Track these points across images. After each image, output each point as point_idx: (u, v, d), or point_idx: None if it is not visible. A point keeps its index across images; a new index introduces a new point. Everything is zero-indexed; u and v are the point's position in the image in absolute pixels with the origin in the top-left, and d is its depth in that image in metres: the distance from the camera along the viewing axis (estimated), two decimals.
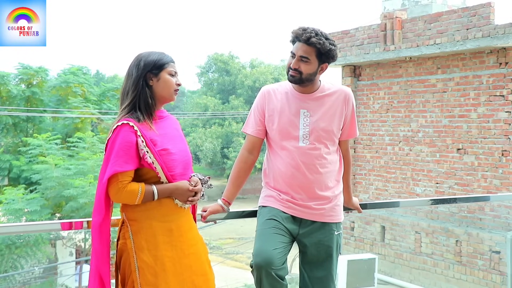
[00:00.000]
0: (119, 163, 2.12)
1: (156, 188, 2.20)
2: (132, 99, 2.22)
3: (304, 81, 2.61)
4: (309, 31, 2.56)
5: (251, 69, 39.12)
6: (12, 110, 18.77)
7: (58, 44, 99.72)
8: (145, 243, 2.18)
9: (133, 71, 2.25)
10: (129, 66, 2.28)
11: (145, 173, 2.21)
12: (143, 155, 2.17)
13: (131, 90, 2.23)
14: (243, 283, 14.96)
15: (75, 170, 13.71)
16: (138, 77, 2.24)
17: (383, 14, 9.88)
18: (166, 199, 2.24)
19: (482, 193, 8.28)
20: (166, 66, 2.28)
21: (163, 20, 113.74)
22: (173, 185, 2.24)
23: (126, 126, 2.16)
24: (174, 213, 2.27)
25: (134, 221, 2.21)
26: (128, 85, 2.25)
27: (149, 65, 2.25)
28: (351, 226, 10.60)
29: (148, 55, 2.28)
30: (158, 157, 2.19)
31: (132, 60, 2.30)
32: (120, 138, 2.15)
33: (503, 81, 8.26)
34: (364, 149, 10.53)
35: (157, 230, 2.21)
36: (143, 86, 2.23)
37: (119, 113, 2.25)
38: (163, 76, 2.27)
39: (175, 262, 2.23)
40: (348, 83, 10.57)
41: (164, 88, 2.28)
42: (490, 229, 8.41)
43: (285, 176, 2.63)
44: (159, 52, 2.31)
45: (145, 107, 2.23)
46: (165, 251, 2.21)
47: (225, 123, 35.40)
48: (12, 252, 12.71)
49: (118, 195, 2.15)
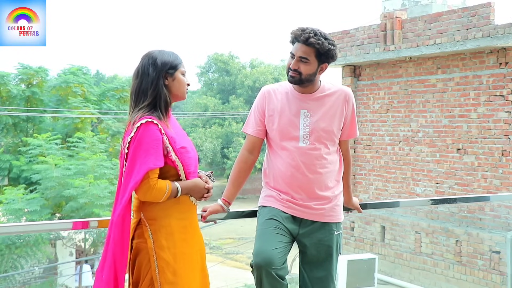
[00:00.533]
0: (151, 160, 2.13)
1: (179, 185, 2.23)
2: (153, 98, 2.23)
3: (304, 81, 2.61)
4: (308, 32, 2.56)
5: (251, 69, 39.13)
6: (12, 110, 18.76)
7: (58, 44, 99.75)
8: (165, 241, 2.20)
9: (149, 70, 2.25)
10: (142, 65, 2.28)
11: (167, 171, 2.22)
12: (168, 152, 2.20)
13: (151, 89, 2.24)
14: (243, 283, 14.96)
15: (75, 170, 13.71)
16: (157, 76, 2.25)
17: (383, 14, 9.88)
18: (183, 197, 2.27)
19: (482, 193, 8.28)
20: (180, 66, 2.32)
21: (163, 20, 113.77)
22: (192, 182, 2.28)
23: (152, 124, 2.17)
24: (189, 210, 2.31)
25: (153, 220, 2.22)
26: (145, 84, 2.25)
27: (166, 64, 2.27)
28: (351, 226, 10.60)
29: (161, 54, 2.29)
30: (179, 155, 2.23)
31: (142, 59, 2.30)
32: (148, 135, 2.15)
33: (503, 81, 8.26)
34: (364, 149, 10.53)
35: (175, 228, 2.23)
36: (162, 85, 2.26)
37: (135, 111, 2.23)
38: (177, 76, 2.31)
39: (189, 259, 2.26)
40: (348, 83, 10.57)
41: (179, 88, 2.31)
42: (490, 229, 8.41)
43: (285, 176, 2.63)
44: (171, 52, 2.34)
45: (164, 106, 2.26)
46: (182, 248, 2.24)
47: (225, 123, 35.40)
48: (12, 252, 12.71)
49: (149, 193, 2.16)
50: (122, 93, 21.02)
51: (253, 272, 2.54)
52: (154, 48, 2.36)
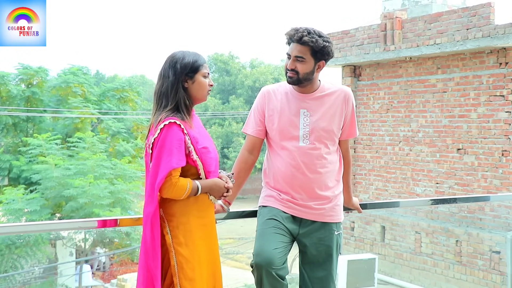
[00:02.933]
0: (174, 160, 2.20)
1: (200, 183, 2.29)
2: (175, 101, 2.29)
3: (302, 81, 2.61)
4: (301, 31, 2.57)
5: (251, 69, 39.14)
6: (12, 110, 18.76)
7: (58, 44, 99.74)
8: (183, 238, 2.25)
9: (169, 73, 2.31)
10: (164, 67, 2.34)
11: (187, 170, 2.28)
12: (189, 152, 2.27)
13: (172, 93, 2.30)
14: (243, 283, 14.95)
15: (75, 170, 13.70)
16: (176, 80, 2.30)
17: (383, 14, 9.88)
18: (202, 195, 2.33)
19: (482, 193, 8.28)
20: (201, 68, 2.35)
21: (163, 20, 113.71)
22: (212, 181, 2.34)
23: (175, 125, 2.23)
24: (208, 209, 2.37)
25: (173, 217, 2.27)
26: (165, 87, 2.30)
27: (185, 68, 2.32)
28: (351, 226, 10.60)
29: (183, 56, 2.33)
30: (200, 155, 2.29)
31: (166, 60, 2.35)
32: (171, 135, 2.22)
33: (503, 81, 8.26)
34: (364, 149, 10.53)
35: (193, 225, 2.29)
36: (182, 88, 2.31)
37: (159, 113, 2.29)
38: (198, 79, 2.34)
39: (207, 256, 2.31)
40: (348, 83, 10.58)
41: (198, 90, 2.35)
42: (490, 229, 8.41)
43: (285, 176, 2.64)
44: (194, 53, 2.37)
45: (185, 108, 2.31)
46: (200, 246, 2.29)
47: (225, 123, 35.41)
48: (12, 252, 12.71)
49: (171, 190, 2.22)
50: (122, 93, 21.03)
51: (254, 272, 2.54)
52: (154, 48, 2.37)
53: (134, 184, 14.43)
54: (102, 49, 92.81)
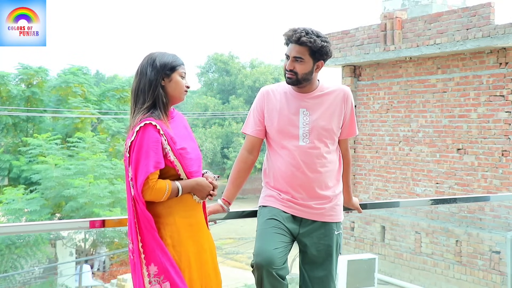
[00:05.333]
0: (151, 163, 2.18)
1: (180, 184, 2.27)
2: (153, 99, 2.28)
3: (301, 81, 2.62)
4: (299, 31, 2.57)
5: (251, 69, 39.11)
6: (12, 110, 18.76)
7: (58, 44, 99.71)
8: (170, 239, 2.24)
9: (147, 70, 2.30)
10: (142, 65, 2.33)
11: (166, 171, 2.26)
12: (166, 153, 2.24)
13: (149, 90, 2.28)
14: (243, 283, 14.95)
15: (75, 170, 13.72)
16: (155, 77, 2.29)
17: (383, 14, 9.88)
18: (186, 195, 2.31)
19: (482, 193, 8.28)
20: (178, 68, 2.34)
21: (163, 20, 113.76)
22: (194, 181, 2.31)
23: (150, 126, 2.21)
24: (193, 209, 2.35)
25: (158, 218, 2.25)
26: (143, 84, 2.30)
27: (164, 66, 2.31)
28: (351, 226, 10.60)
29: (161, 55, 2.33)
30: (178, 156, 2.27)
31: (144, 59, 2.35)
32: (147, 138, 2.20)
33: (503, 81, 8.26)
34: (364, 149, 10.53)
35: (180, 225, 2.27)
36: (159, 86, 2.30)
37: (136, 111, 2.28)
38: (174, 77, 2.33)
39: (196, 257, 2.29)
40: (348, 83, 10.57)
41: (175, 89, 2.33)
42: (490, 229, 8.41)
43: (285, 176, 2.64)
44: (172, 54, 2.37)
45: (163, 105, 2.30)
46: (188, 246, 2.27)
47: (225, 123, 35.39)
48: (12, 252, 12.71)
49: (149, 193, 2.20)
50: (122, 93, 21.04)
51: (254, 272, 2.54)
52: (153, 48, 2.38)
53: None
54: (102, 49, 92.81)
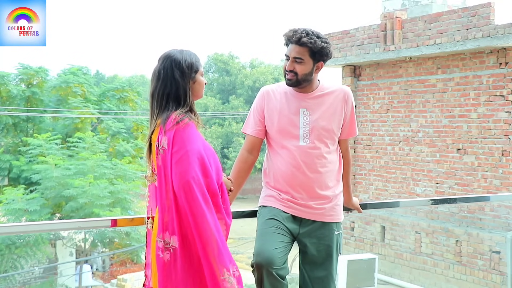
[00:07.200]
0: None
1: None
2: (189, 105, 2.21)
3: (301, 82, 2.62)
4: (300, 32, 2.57)
5: (251, 69, 39.13)
6: (12, 110, 18.76)
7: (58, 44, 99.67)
8: None
9: (174, 74, 2.20)
10: (163, 67, 2.22)
11: None
12: None
13: (183, 95, 2.20)
14: (243, 283, 14.94)
15: (75, 170, 13.71)
16: (185, 82, 2.22)
17: (383, 14, 9.88)
18: None
19: (482, 193, 8.28)
20: (200, 67, 2.32)
21: (163, 20, 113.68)
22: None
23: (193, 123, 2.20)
24: None
25: None
26: (174, 89, 2.20)
27: (191, 68, 2.25)
28: (351, 226, 10.60)
29: (184, 57, 2.24)
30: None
31: (163, 60, 2.24)
32: (190, 133, 2.20)
33: (503, 81, 8.26)
34: (364, 149, 10.53)
35: None
36: (189, 89, 2.24)
37: (170, 109, 2.18)
38: (198, 78, 2.29)
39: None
40: (348, 83, 10.57)
41: (199, 90, 2.32)
42: (490, 229, 8.41)
43: (286, 176, 2.64)
44: (189, 52, 2.30)
45: (194, 110, 2.26)
46: None
47: (225, 123, 35.40)
48: (12, 252, 12.71)
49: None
50: (122, 93, 21.02)
51: (254, 272, 2.54)
52: (153, 48, 2.36)
53: (134, 184, 14.44)
54: (102, 49, 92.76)
